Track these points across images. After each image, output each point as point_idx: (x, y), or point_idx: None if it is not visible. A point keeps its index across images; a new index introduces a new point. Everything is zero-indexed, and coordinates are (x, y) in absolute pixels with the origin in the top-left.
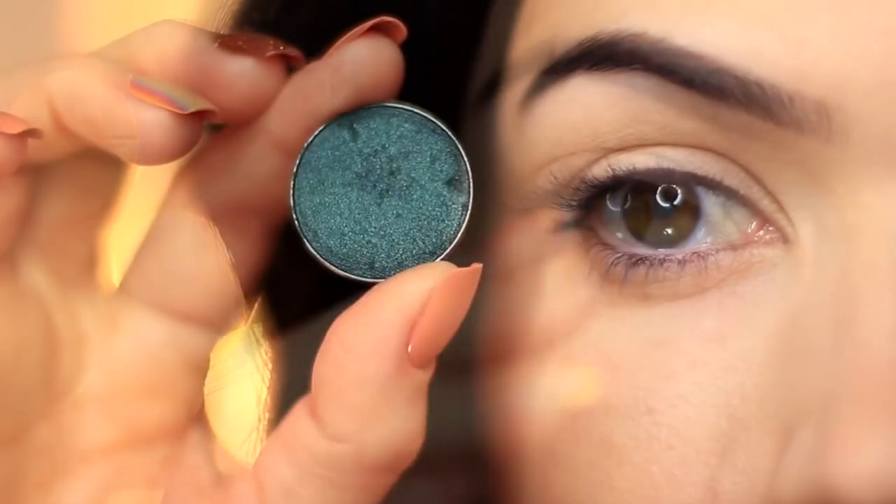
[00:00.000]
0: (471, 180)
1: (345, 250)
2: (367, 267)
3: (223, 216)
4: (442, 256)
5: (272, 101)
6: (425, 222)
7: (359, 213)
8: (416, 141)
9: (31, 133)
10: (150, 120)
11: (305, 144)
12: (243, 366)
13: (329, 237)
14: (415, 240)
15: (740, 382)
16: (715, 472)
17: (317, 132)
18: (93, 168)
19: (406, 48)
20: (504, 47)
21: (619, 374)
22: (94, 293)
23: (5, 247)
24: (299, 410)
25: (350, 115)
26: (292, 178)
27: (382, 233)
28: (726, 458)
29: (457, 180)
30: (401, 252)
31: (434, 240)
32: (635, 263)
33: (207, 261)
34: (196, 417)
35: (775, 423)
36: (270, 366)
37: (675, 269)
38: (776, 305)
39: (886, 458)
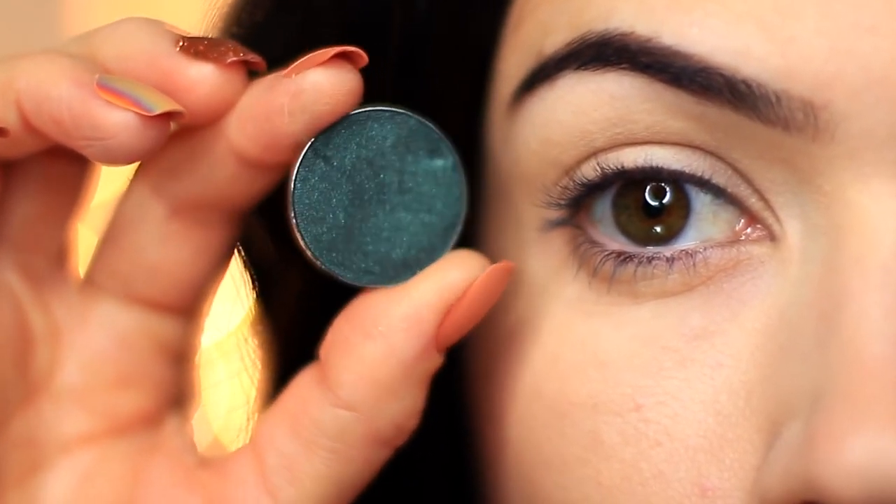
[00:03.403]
0: (446, 141)
1: (379, 268)
2: (402, 268)
3: (184, 208)
4: (461, 223)
5: (232, 105)
6: (430, 202)
7: (371, 228)
8: (382, 135)
9: None
10: (117, 121)
11: (290, 194)
12: (231, 365)
13: (354, 259)
14: (431, 223)
15: (728, 379)
16: (703, 468)
17: (294, 176)
18: (61, 165)
19: (395, 50)
20: (492, 47)
21: (607, 371)
22: (65, 287)
23: None
24: (306, 380)
25: (314, 144)
26: (297, 230)
27: (402, 231)
28: (714, 454)
29: (435, 150)
30: (426, 239)
31: (447, 213)
32: (624, 261)
33: (171, 250)
34: (174, 404)
35: (762, 419)
36: (259, 365)
37: (663, 267)
38: (764, 302)
39: (872, 453)
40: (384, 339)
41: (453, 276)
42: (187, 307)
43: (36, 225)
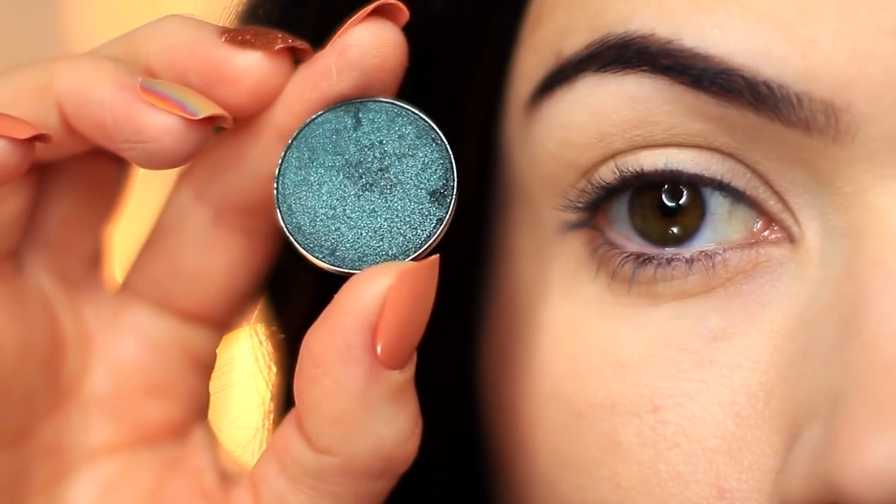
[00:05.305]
0: (455, 197)
1: (312, 231)
2: (328, 252)
3: (229, 214)
4: (414, 257)
5: (279, 93)
6: (398, 225)
7: (337, 200)
8: (414, 146)
9: (39, 138)
10: (160, 125)
11: (307, 121)
12: (246, 366)
13: (302, 214)
14: (382, 239)
15: (746, 381)
16: (721, 470)
17: (321, 112)
18: (98, 168)
19: (411, 48)
20: (509, 47)
21: (626, 372)
22: (98, 292)
23: (11, 246)
24: (288, 422)
25: (357, 104)
26: (285, 149)
27: (353, 224)
28: (732, 456)
29: (441, 194)
30: (364, 247)
31: (401, 244)
32: (643, 262)
33: (212, 259)
34: (201, 416)
35: (781, 421)
36: (274, 367)
37: (682, 268)
38: (782, 304)
39: (893, 455)
40: (327, 378)
41: (365, 294)
42: (222, 319)
43: (71, 228)
